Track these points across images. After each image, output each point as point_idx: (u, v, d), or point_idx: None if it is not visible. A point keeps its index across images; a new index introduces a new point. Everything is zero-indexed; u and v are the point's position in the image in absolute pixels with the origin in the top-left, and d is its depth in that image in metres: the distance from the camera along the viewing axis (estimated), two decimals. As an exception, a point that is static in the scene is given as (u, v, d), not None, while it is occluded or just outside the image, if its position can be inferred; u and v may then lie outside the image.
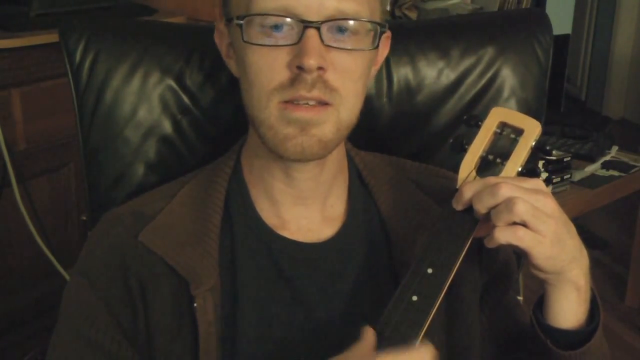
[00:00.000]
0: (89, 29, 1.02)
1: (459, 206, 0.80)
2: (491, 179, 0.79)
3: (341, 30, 0.79)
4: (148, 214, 0.88)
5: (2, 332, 2.10)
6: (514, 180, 0.78)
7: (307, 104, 0.79)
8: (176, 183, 0.94)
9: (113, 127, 1.02)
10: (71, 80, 1.02)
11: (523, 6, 2.79)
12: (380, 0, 0.85)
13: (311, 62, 0.76)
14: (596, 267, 0.84)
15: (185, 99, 1.04)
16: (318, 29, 0.77)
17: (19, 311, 2.13)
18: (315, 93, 0.78)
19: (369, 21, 0.81)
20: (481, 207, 0.78)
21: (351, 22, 0.79)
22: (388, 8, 2.76)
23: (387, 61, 1.09)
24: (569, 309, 0.82)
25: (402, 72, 1.10)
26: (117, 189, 1.03)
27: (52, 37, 1.93)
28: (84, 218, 2.08)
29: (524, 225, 0.76)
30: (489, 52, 1.10)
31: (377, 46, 0.83)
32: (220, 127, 1.05)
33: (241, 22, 0.79)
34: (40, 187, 2.11)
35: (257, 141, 0.87)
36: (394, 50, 1.09)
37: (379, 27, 0.82)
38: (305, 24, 0.77)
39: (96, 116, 1.02)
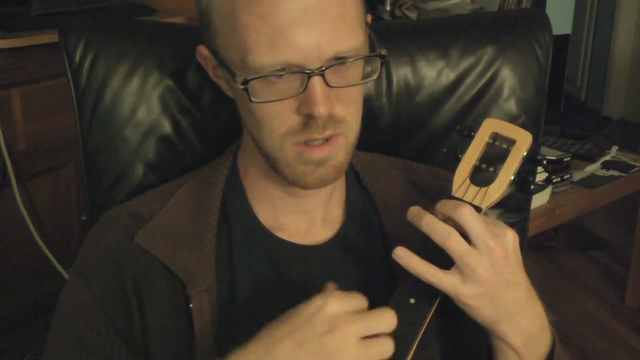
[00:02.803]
0: (89, 29, 1.02)
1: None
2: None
3: (341, 62, 0.78)
4: (145, 215, 0.89)
5: (2, 332, 2.09)
6: (484, 217, 0.77)
7: (320, 142, 0.80)
8: (173, 184, 0.94)
9: (113, 127, 1.02)
10: (71, 80, 1.02)
11: (523, 6, 2.79)
12: (361, 11, 0.82)
13: (322, 111, 0.76)
14: (596, 267, 0.84)
15: (185, 99, 1.04)
16: (322, 74, 0.76)
17: (19, 311, 2.13)
18: (328, 132, 0.79)
19: (371, 55, 0.81)
20: (439, 212, 0.77)
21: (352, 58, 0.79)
22: (388, 8, 2.76)
23: (387, 61, 1.09)
24: None
25: (402, 72, 1.10)
26: (116, 189, 1.03)
27: (52, 37, 1.92)
28: (84, 218, 2.08)
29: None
30: (488, 52, 1.10)
31: (379, 75, 0.83)
32: (220, 127, 1.05)
33: (246, 86, 0.77)
34: (40, 187, 2.11)
35: (253, 152, 0.87)
36: (393, 50, 1.09)
37: (380, 59, 0.81)
38: (309, 74, 0.76)
39: (96, 116, 1.02)
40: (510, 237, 0.76)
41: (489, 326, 0.78)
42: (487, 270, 0.74)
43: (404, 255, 0.76)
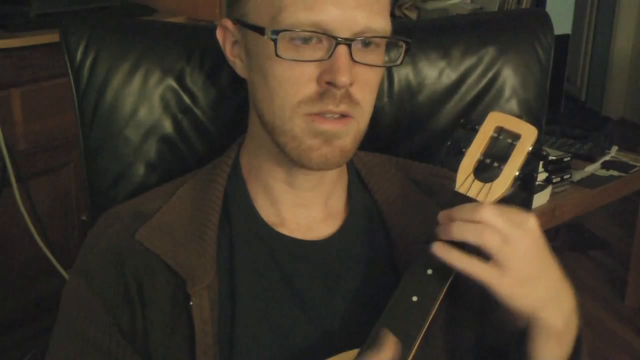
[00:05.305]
0: (90, 29, 1.02)
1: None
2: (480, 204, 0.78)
3: (365, 43, 0.80)
4: (146, 212, 0.89)
5: (2, 332, 2.09)
6: (502, 209, 0.77)
7: (333, 116, 0.80)
8: (175, 182, 0.94)
9: (113, 126, 1.02)
10: (72, 80, 1.02)
11: (523, 6, 2.79)
12: (389, 5, 0.85)
13: (344, 79, 0.77)
14: (596, 267, 0.84)
15: (186, 98, 1.04)
16: (349, 45, 0.78)
17: (19, 311, 2.13)
18: (342, 107, 0.79)
19: (399, 39, 0.83)
20: (458, 217, 0.77)
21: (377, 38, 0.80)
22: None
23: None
24: (546, 354, 0.80)
25: (403, 72, 1.10)
26: (117, 188, 1.03)
27: (52, 37, 1.93)
28: (84, 218, 2.08)
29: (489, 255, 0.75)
30: (490, 52, 1.10)
31: (402, 61, 0.85)
32: (221, 127, 1.05)
33: (275, 37, 0.78)
34: (40, 187, 2.11)
35: (258, 143, 0.87)
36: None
37: (404, 44, 0.83)
38: (337, 41, 0.77)
39: (97, 116, 1.02)
40: (533, 222, 0.77)
41: (534, 314, 0.78)
42: (524, 258, 0.75)
43: (443, 250, 0.76)
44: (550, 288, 0.78)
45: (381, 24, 0.80)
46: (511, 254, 0.75)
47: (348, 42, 0.78)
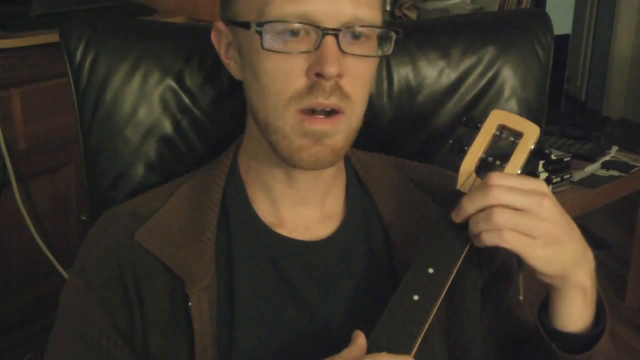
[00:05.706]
0: (90, 29, 1.02)
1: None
2: (492, 176, 0.77)
3: (355, 35, 0.80)
4: (144, 213, 0.89)
5: (2, 332, 2.09)
6: (512, 180, 0.77)
7: (324, 110, 0.79)
8: (174, 183, 0.94)
9: (113, 127, 1.02)
10: (71, 80, 1.02)
11: (523, 6, 2.79)
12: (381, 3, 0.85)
13: (331, 69, 0.77)
14: (596, 267, 0.84)
15: (186, 99, 1.04)
16: (336, 35, 0.77)
17: (19, 311, 2.13)
18: (333, 100, 0.79)
19: (388, 28, 0.83)
20: (471, 207, 0.77)
21: (366, 28, 0.80)
22: (388, 8, 2.76)
23: (388, 61, 1.09)
24: (575, 312, 0.81)
25: (403, 72, 1.10)
26: (117, 189, 1.03)
27: (52, 37, 1.93)
28: (84, 218, 2.08)
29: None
30: (489, 52, 1.10)
31: (391, 52, 0.84)
32: (220, 127, 1.05)
33: (260, 29, 0.78)
34: (40, 187, 2.11)
35: (256, 143, 0.87)
36: (394, 50, 1.09)
37: (394, 34, 0.83)
38: (324, 31, 0.77)
39: (96, 116, 1.02)
40: (544, 184, 0.78)
41: (565, 273, 0.79)
42: (549, 221, 0.76)
43: (480, 240, 0.77)
44: (578, 243, 0.79)
45: (369, 14, 0.79)
46: (534, 223, 0.75)
47: (335, 32, 0.77)
